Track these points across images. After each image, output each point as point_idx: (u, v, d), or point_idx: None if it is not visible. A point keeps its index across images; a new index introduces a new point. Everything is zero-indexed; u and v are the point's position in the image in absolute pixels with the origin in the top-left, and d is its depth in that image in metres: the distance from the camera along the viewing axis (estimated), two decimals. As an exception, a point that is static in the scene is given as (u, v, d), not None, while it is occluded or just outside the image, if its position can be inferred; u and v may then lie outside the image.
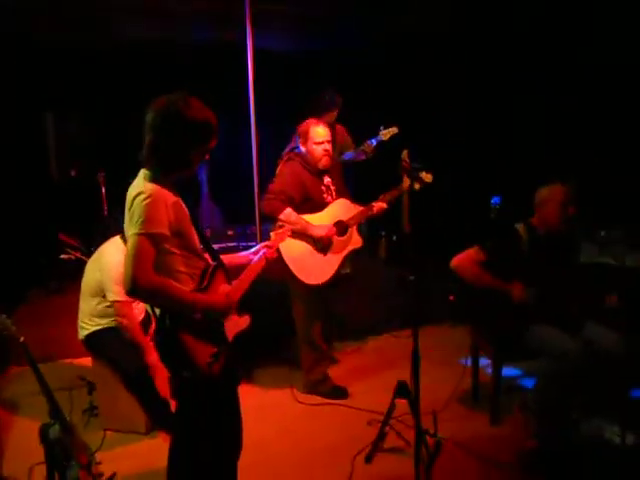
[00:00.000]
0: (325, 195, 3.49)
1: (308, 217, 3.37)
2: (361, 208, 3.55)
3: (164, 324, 1.92)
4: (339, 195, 3.57)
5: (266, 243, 2.46)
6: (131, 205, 1.90)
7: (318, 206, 3.43)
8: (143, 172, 1.98)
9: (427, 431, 2.87)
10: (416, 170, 3.44)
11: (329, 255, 3.42)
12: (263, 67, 4.44)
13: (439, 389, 3.37)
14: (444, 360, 3.92)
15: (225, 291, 2.09)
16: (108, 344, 3.09)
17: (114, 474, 2.53)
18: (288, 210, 3.29)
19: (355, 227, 3.54)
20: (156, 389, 3.02)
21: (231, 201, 6.53)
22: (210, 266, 2.07)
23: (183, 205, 2.01)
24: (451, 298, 3.26)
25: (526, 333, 2.89)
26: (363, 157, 4.33)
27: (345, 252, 3.50)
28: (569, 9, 4.66)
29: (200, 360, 1.94)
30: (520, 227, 3.01)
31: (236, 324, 2.13)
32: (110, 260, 3.07)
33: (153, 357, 2.97)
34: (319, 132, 3.37)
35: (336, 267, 3.44)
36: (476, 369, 3.42)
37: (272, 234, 2.55)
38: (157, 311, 1.94)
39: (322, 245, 3.39)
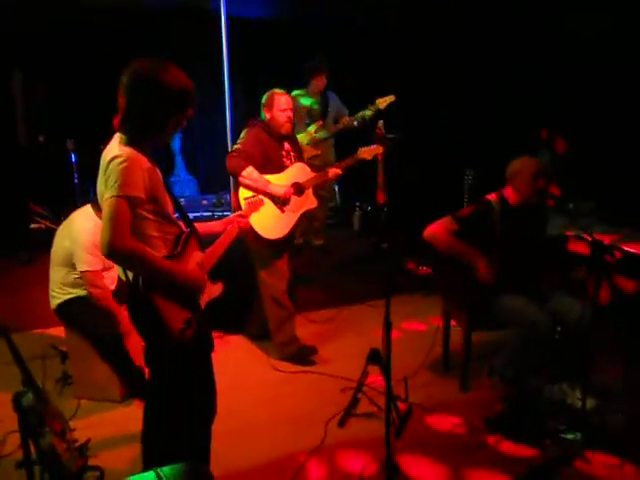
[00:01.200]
0: (285, 159, 3.64)
1: (269, 177, 3.50)
2: (317, 173, 3.73)
3: (137, 289, 1.92)
4: (298, 160, 3.72)
5: (239, 212, 2.48)
6: (106, 168, 1.87)
7: (277, 168, 3.57)
8: (118, 136, 1.95)
9: (398, 397, 2.96)
10: (390, 140, 3.47)
11: (287, 212, 3.56)
12: (238, 34, 4.37)
13: (411, 357, 3.45)
14: (416, 328, 3.99)
15: (198, 258, 2.10)
16: (80, 313, 3.07)
17: (88, 440, 2.54)
18: (250, 168, 3.39)
19: (311, 189, 3.69)
20: (130, 357, 3.03)
21: (206, 170, 6.48)
22: (184, 232, 2.07)
23: (158, 171, 2.00)
24: (424, 268, 3.31)
25: (496, 303, 2.96)
26: (356, 124, 4.42)
27: (301, 211, 3.65)
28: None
29: (173, 326, 1.96)
30: (492, 198, 3.06)
31: (209, 291, 2.15)
32: (80, 229, 3.02)
33: (126, 325, 2.96)
34: (283, 100, 3.54)
35: (292, 224, 3.59)
36: (447, 337, 3.50)
37: (245, 203, 2.56)
38: (130, 275, 1.94)
39: (281, 203, 3.53)
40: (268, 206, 3.46)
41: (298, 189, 3.60)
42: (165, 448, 2.13)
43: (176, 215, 2.12)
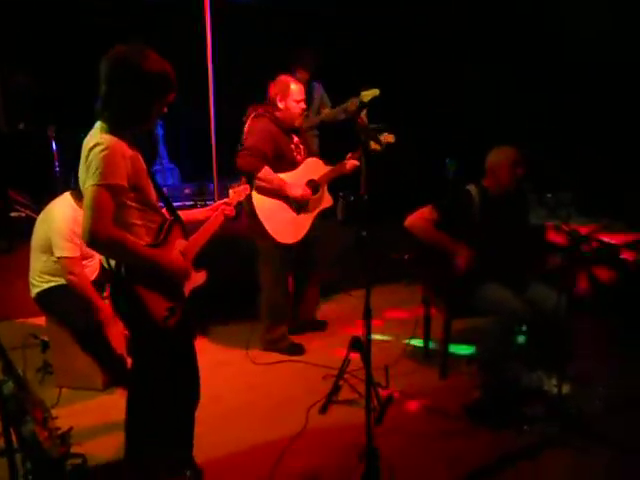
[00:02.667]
0: (295, 153, 3.48)
1: (282, 176, 3.36)
2: (331, 167, 3.58)
3: (120, 277, 1.92)
4: (308, 154, 3.58)
5: (224, 200, 2.44)
6: (87, 156, 1.86)
7: (288, 163, 3.42)
8: (100, 124, 1.93)
9: (379, 384, 3.00)
10: (375, 130, 3.47)
11: (302, 214, 3.45)
12: (222, 20, 4.33)
13: (392, 345, 3.50)
14: (399, 317, 4.04)
15: (181, 246, 2.10)
16: (60, 301, 3.06)
17: (70, 429, 2.53)
18: (266, 168, 3.26)
19: (326, 186, 3.56)
20: (111, 345, 3.03)
21: (188, 159, 6.43)
22: (167, 221, 2.07)
23: (141, 159, 1.98)
24: (406, 257, 3.34)
25: (475, 291, 3.00)
26: (343, 116, 4.36)
27: (317, 211, 3.54)
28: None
29: (156, 314, 1.96)
30: (472, 188, 3.09)
31: (193, 279, 2.15)
32: (59, 216, 3.01)
33: (106, 313, 2.96)
34: (298, 89, 3.36)
35: (308, 226, 3.49)
36: (428, 325, 3.55)
37: (231, 191, 2.52)
38: (113, 263, 1.94)
39: (297, 205, 3.41)
40: (284, 209, 3.36)
41: (313, 187, 3.47)
42: (148, 436, 2.15)
43: (160, 203, 2.12)
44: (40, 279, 3.10)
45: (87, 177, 1.85)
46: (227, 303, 4.02)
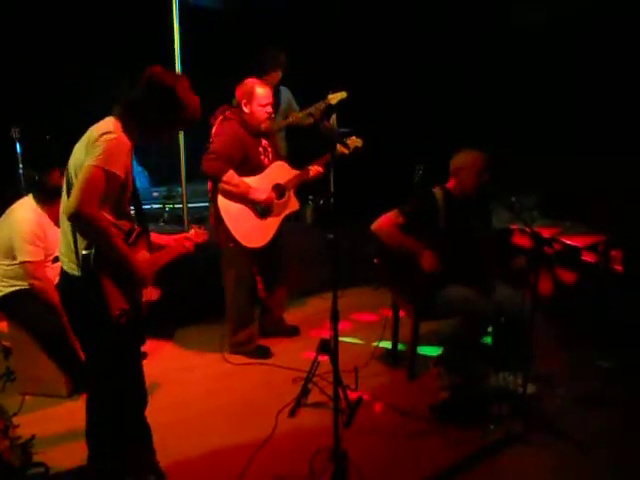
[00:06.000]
0: (262, 157, 3.48)
1: (248, 180, 3.35)
2: (298, 172, 3.58)
3: (88, 264, 1.93)
4: (276, 157, 3.58)
5: (187, 235, 2.51)
6: (95, 140, 1.93)
7: (255, 167, 3.42)
8: (114, 119, 2.02)
9: (348, 386, 3.02)
10: (342, 135, 3.49)
11: (268, 218, 3.45)
12: (190, 23, 4.30)
13: (361, 347, 3.52)
14: (368, 319, 4.07)
15: (145, 257, 2.13)
16: (23, 306, 3.00)
17: (32, 437, 2.48)
18: (230, 172, 3.26)
19: (292, 190, 3.57)
20: (76, 350, 2.97)
21: (157, 162, 6.36)
22: (135, 229, 2.10)
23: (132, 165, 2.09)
24: (375, 261, 3.37)
25: (441, 294, 3.04)
26: (311, 120, 4.35)
27: (283, 215, 3.54)
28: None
29: (112, 307, 1.98)
30: (437, 191, 3.13)
31: (148, 293, 2.17)
32: (20, 218, 2.96)
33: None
34: (264, 94, 3.36)
35: (274, 230, 3.49)
36: (396, 328, 3.58)
37: (193, 230, 2.56)
38: (83, 252, 1.95)
39: (262, 209, 3.41)
40: (248, 213, 3.36)
41: (279, 191, 3.47)
42: (109, 438, 2.15)
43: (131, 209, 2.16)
44: (3, 283, 3.02)
45: (88, 157, 1.90)
46: (197, 306, 3.99)
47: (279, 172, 3.51)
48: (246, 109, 3.36)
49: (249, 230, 3.37)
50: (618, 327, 3.57)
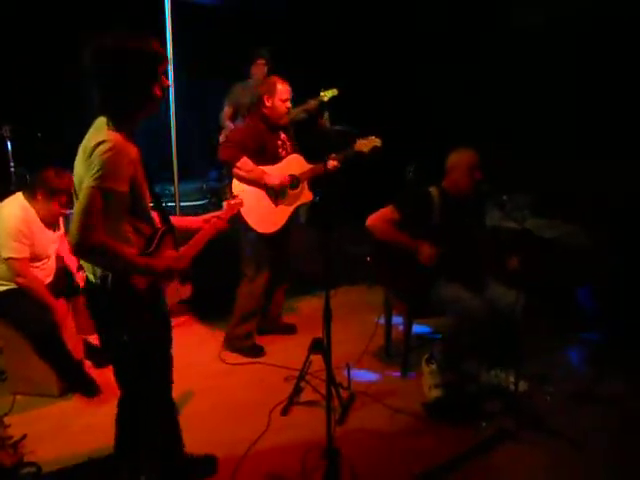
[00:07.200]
0: (280, 150, 3.56)
1: (264, 168, 3.44)
2: (313, 165, 3.63)
3: (105, 288, 1.85)
4: (293, 151, 3.65)
5: (218, 213, 2.35)
6: (91, 153, 1.75)
7: (273, 159, 3.50)
8: (104, 119, 1.82)
9: (341, 384, 3.02)
10: (337, 132, 3.48)
11: (281, 206, 3.51)
12: (182, 19, 4.29)
13: (354, 346, 3.52)
14: (360, 318, 4.07)
15: (171, 258, 2.01)
16: (14, 305, 2.98)
17: (24, 436, 2.48)
18: (244, 159, 3.34)
19: (306, 182, 3.62)
20: (67, 349, 2.96)
21: (148, 160, 6.34)
22: (158, 230, 1.98)
23: (140, 160, 1.90)
24: (368, 259, 3.37)
25: (434, 291, 3.05)
26: (304, 116, 4.39)
27: (296, 204, 3.61)
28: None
29: (138, 325, 1.92)
30: (433, 189, 3.14)
31: (177, 292, 2.11)
32: (7, 215, 2.94)
33: (61, 315, 2.90)
34: (284, 89, 3.46)
35: (286, 218, 3.54)
36: (389, 326, 3.59)
37: (225, 204, 2.43)
38: (98, 273, 1.86)
39: (275, 193, 3.47)
40: (262, 198, 3.42)
41: (293, 181, 3.53)
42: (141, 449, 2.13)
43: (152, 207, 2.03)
44: (-8, 283, 3.00)
45: (87, 176, 1.74)
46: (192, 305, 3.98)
47: (295, 164, 3.59)
48: (268, 103, 3.46)
49: (262, 215, 3.43)
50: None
